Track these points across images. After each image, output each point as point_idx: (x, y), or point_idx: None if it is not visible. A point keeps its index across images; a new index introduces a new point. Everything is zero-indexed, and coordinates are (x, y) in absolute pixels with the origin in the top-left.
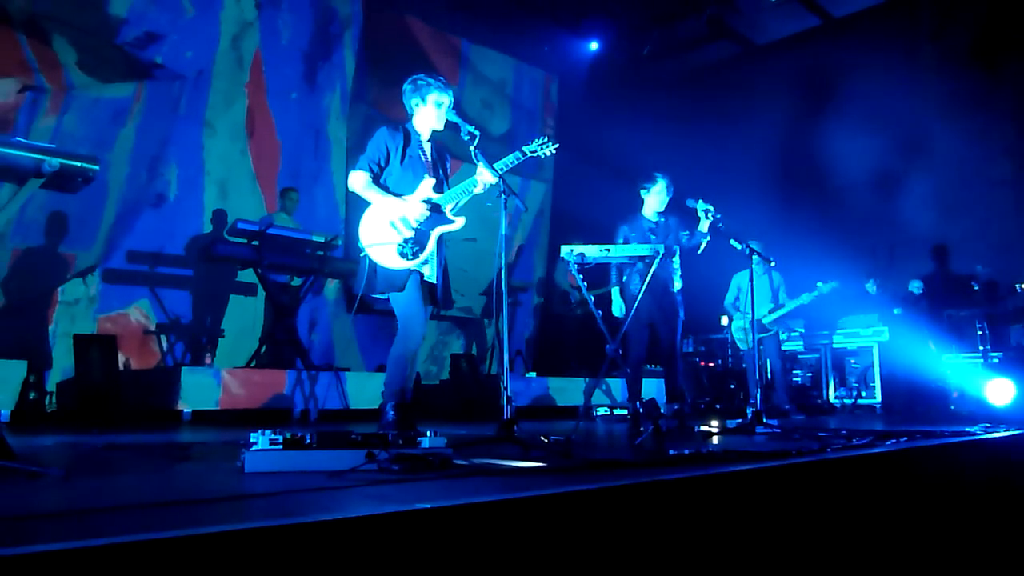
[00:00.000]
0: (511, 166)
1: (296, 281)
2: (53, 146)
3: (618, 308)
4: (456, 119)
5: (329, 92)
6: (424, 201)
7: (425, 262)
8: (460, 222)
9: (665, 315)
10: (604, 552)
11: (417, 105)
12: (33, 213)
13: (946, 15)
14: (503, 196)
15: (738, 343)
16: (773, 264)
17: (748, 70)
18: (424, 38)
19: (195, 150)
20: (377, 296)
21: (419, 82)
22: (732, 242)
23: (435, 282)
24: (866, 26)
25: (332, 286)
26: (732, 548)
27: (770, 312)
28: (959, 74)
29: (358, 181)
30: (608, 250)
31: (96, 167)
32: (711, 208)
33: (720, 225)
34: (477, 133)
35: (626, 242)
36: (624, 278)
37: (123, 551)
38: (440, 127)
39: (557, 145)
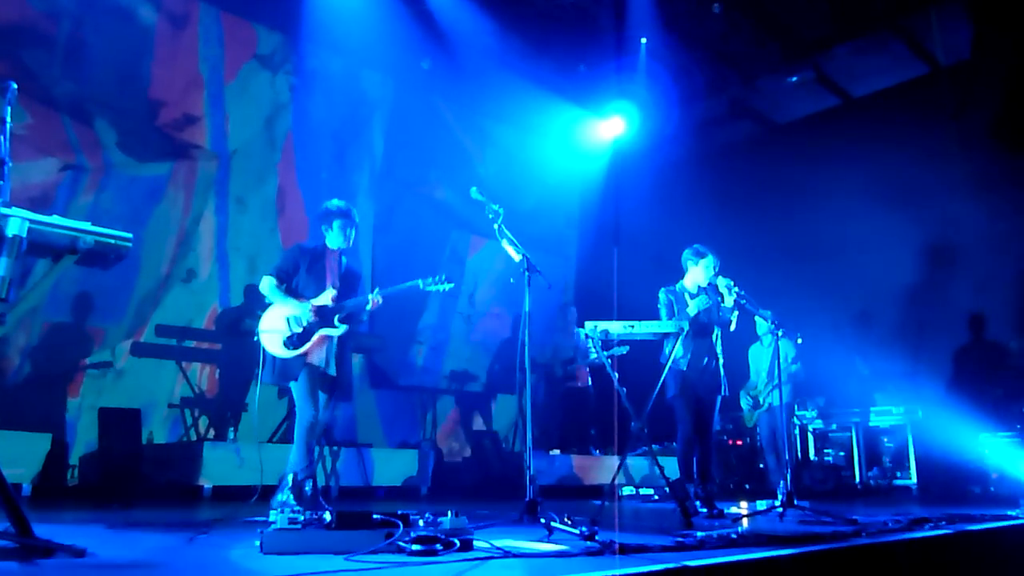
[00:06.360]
0: (403, 291)
1: None
2: (88, 224)
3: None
4: (480, 198)
5: (358, 171)
6: (318, 306)
7: (324, 357)
8: (341, 329)
9: (708, 391)
10: None
11: (326, 231)
12: (65, 287)
13: (966, 94)
14: (527, 273)
15: (744, 419)
16: (800, 342)
17: (769, 149)
18: (450, 118)
19: (226, 226)
20: (268, 383)
21: (327, 212)
22: (758, 319)
23: (332, 374)
24: (885, 105)
25: (356, 361)
26: None
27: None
28: (982, 152)
29: (265, 284)
30: (633, 327)
31: (128, 244)
32: (732, 283)
33: (744, 301)
34: (501, 211)
35: (670, 310)
36: (669, 351)
37: None
38: (347, 246)
39: (452, 285)
